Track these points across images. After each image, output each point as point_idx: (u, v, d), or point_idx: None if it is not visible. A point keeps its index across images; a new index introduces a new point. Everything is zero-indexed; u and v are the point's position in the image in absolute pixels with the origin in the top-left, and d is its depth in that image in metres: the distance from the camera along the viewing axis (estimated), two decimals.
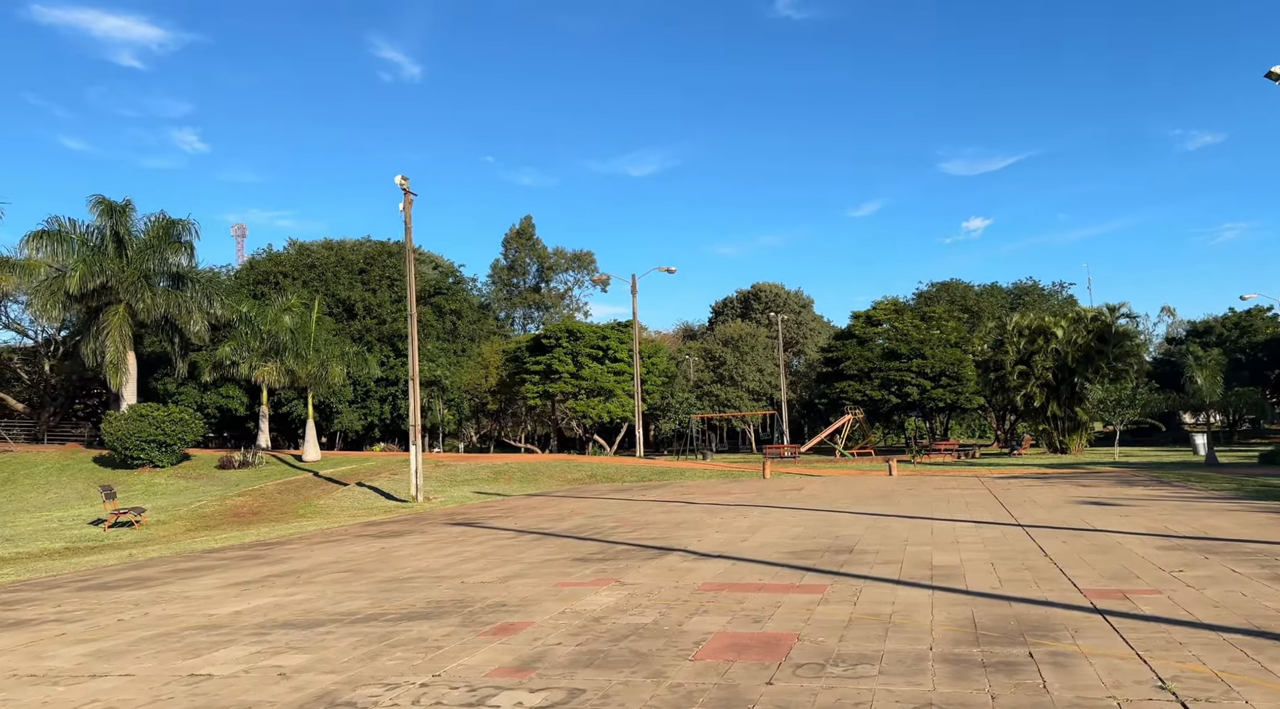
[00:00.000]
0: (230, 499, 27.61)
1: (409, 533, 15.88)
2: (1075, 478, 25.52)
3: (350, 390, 48.22)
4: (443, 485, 29.48)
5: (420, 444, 25.03)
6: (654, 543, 12.74)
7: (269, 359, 36.15)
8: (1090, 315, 50.25)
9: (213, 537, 17.81)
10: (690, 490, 24.97)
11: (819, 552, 11.31)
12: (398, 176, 24.76)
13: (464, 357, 54.90)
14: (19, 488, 33.03)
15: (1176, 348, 76.29)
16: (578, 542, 13.27)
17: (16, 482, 33.87)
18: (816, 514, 16.33)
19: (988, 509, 16.55)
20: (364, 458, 37.33)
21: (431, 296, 55.44)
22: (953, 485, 23.53)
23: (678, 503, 20.27)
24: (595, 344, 56.11)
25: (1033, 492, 20.39)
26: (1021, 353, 49.11)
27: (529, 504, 21.98)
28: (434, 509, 22.04)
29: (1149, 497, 18.21)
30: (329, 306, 52.31)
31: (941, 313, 64.41)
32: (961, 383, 58.85)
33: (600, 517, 17.54)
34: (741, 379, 70.96)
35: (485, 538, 14.33)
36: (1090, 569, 9.29)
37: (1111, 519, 14.09)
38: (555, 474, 32.86)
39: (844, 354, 62.72)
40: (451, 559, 11.82)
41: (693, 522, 15.73)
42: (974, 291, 77.91)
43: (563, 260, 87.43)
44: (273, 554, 13.54)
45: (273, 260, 55.06)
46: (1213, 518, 13.73)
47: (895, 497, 20.20)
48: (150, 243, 37.24)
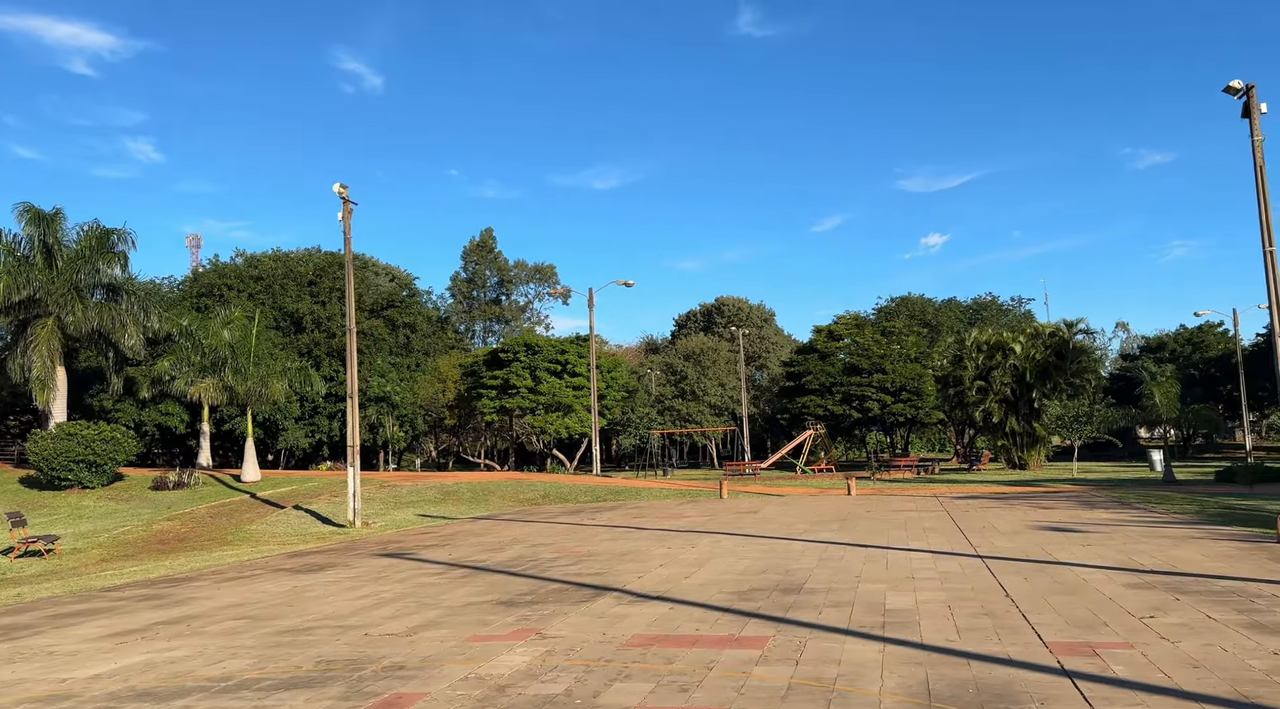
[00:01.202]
0: (158, 523, 26.15)
1: (331, 567, 14.78)
2: (1034, 498, 25.00)
3: (297, 407, 46.69)
4: (386, 507, 28.27)
5: (358, 466, 23.84)
6: (591, 580, 11.80)
7: (207, 375, 34.65)
8: (1048, 331, 50.22)
9: (122, 570, 16.53)
10: (643, 512, 24.05)
11: (766, 591, 10.45)
12: (336, 185, 23.69)
13: (418, 371, 53.51)
14: None
15: (1132, 363, 77.05)
16: (509, 579, 12.29)
17: None
18: (768, 543, 15.49)
19: (946, 536, 15.83)
20: (307, 478, 35.90)
21: (384, 309, 54.05)
22: (911, 507, 22.86)
23: (627, 529, 19.34)
24: (554, 358, 55.07)
25: (992, 515, 19.76)
26: (980, 368, 48.91)
27: (471, 530, 20.91)
28: (369, 536, 20.89)
29: (1111, 521, 17.63)
30: (276, 320, 50.74)
31: (901, 328, 64.32)
32: (921, 398, 58.66)
33: (542, 545, 16.56)
34: (703, 394, 70.27)
35: (410, 574, 13.29)
36: (1055, 615, 8.52)
37: (1074, 549, 13.41)
38: (507, 494, 31.76)
39: (806, 369, 62.34)
40: (365, 602, 10.78)
41: (638, 552, 14.82)
42: (933, 306, 78.09)
43: (523, 273, 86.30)
44: (175, 594, 12.39)
45: (217, 272, 53.33)
46: (1179, 548, 13.11)
47: (852, 520, 19.45)
48: (82, 253, 35.59)
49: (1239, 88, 19.26)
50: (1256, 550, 12.63)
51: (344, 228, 24.43)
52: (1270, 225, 18.91)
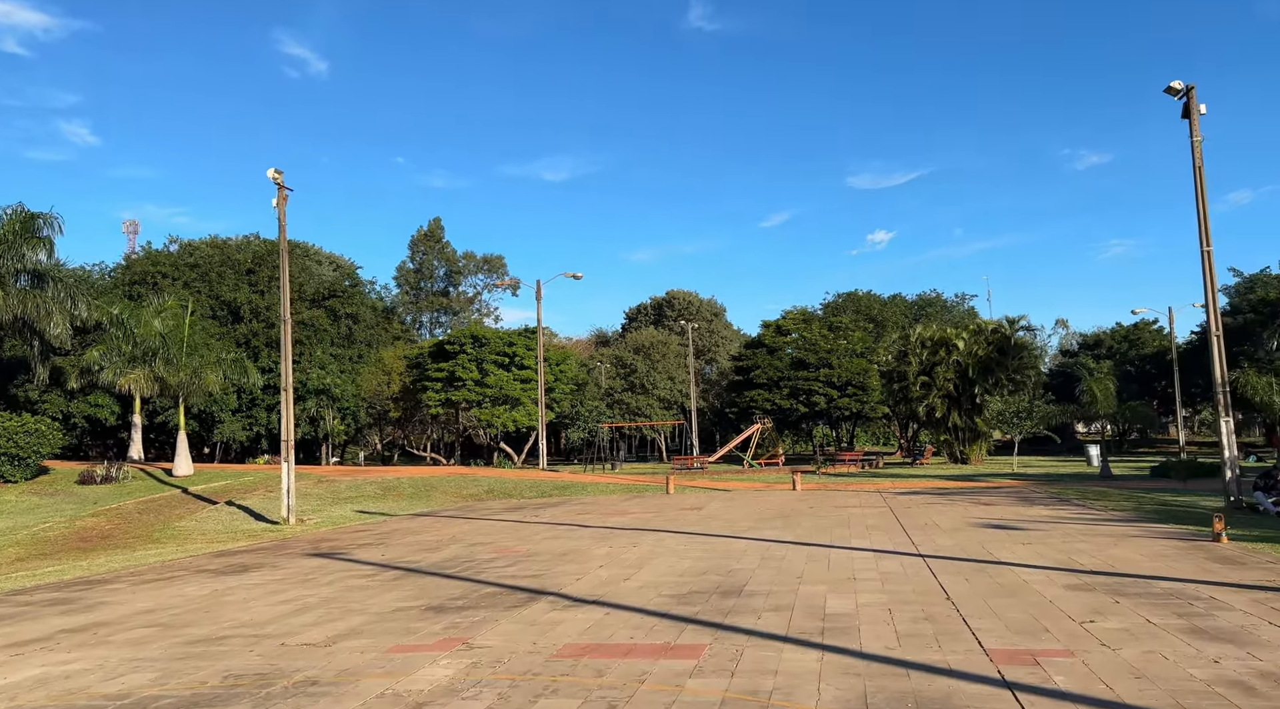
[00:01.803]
0: (82, 520, 25.08)
1: (258, 567, 14.18)
2: (976, 494, 25.21)
3: (234, 398, 45.38)
4: (323, 504, 27.50)
5: (293, 461, 23.10)
6: (527, 583, 11.42)
7: (138, 365, 33.35)
8: (990, 327, 50.93)
9: (35, 571, 15.70)
10: (588, 509, 23.71)
11: (706, 594, 10.18)
12: (270, 170, 22.85)
13: (360, 363, 52.38)
14: None
15: (1071, 360, 78.79)
16: (442, 581, 11.86)
17: None
18: (711, 542, 15.26)
19: (888, 533, 15.76)
20: (242, 472, 34.83)
21: (326, 299, 52.78)
22: (854, 503, 22.87)
23: (569, 526, 18.98)
24: (501, 350, 54.34)
25: (934, 511, 19.81)
26: (924, 364, 49.43)
27: (409, 527, 20.36)
28: (302, 534, 20.22)
29: (1050, 518, 17.76)
30: (213, 309, 49.25)
31: (848, 323, 64.82)
32: (867, 392, 59.17)
33: (480, 544, 16.13)
34: (652, 387, 70.10)
35: (339, 575, 12.78)
36: (996, 619, 8.39)
37: (1015, 548, 13.40)
38: (450, 489, 31.16)
39: (754, 363, 62.49)
40: (287, 608, 10.27)
41: (579, 552, 14.47)
42: (880, 302, 78.89)
43: (472, 264, 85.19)
44: (87, 597, 11.72)
45: (151, 259, 51.53)
46: (1117, 547, 13.17)
47: (796, 517, 19.34)
48: (4, 237, 33.95)
49: (1179, 88, 19.49)
50: (1193, 550, 12.73)
51: (279, 214, 23.60)
52: (1208, 225, 19.19)
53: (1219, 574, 10.54)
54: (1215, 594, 9.28)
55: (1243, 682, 6.06)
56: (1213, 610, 8.46)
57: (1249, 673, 6.27)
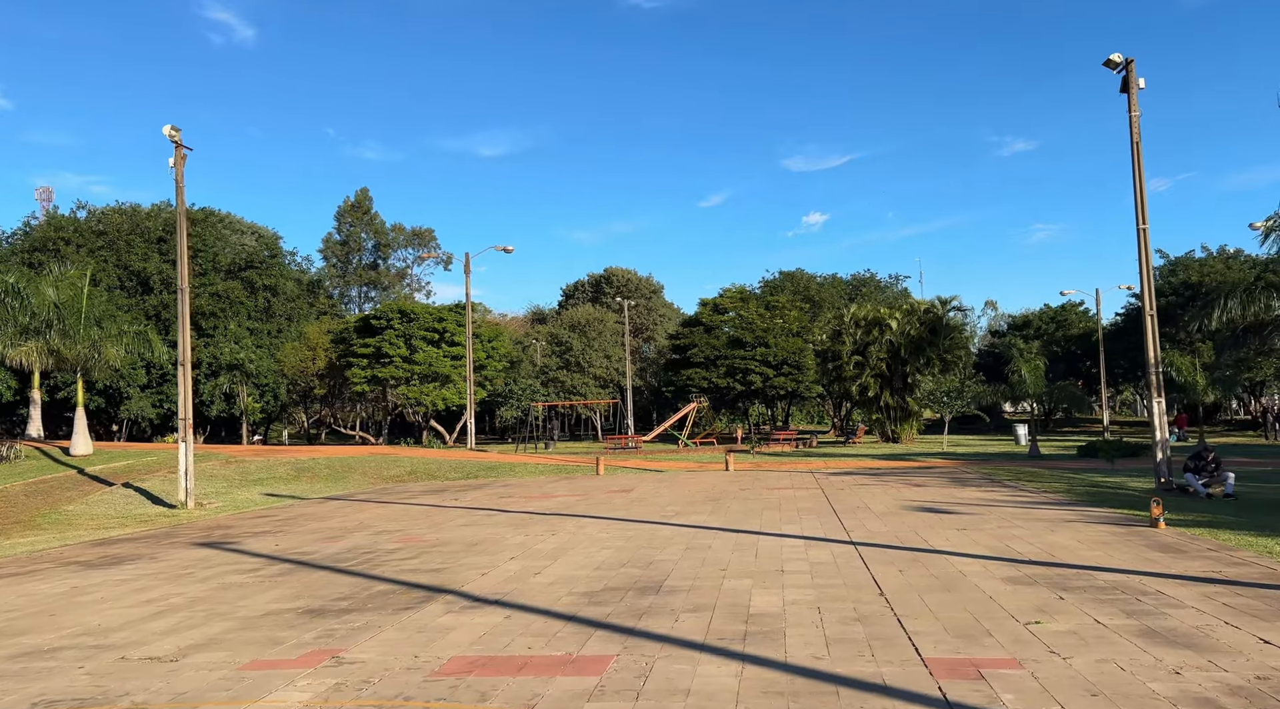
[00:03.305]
0: None
1: (135, 560, 12.83)
2: (908, 475, 24.85)
3: (143, 374, 43.02)
4: (229, 486, 25.94)
5: (190, 441, 21.54)
6: (426, 580, 10.36)
7: (30, 338, 31.10)
8: (923, 308, 51.05)
9: None
10: (511, 491, 22.66)
11: (621, 591, 9.26)
12: (166, 127, 21.08)
13: (280, 337, 50.19)
14: None
15: (1000, 340, 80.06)
16: (332, 577, 10.73)
17: None
18: (635, 529, 14.37)
19: (819, 518, 15.08)
20: (147, 451, 32.86)
21: (243, 270, 50.39)
22: (786, 484, 22.26)
23: (488, 512, 17.92)
24: (431, 326, 52.73)
25: (866, 494, 19.26)
26: (858, 343, 49.36)
27: (316, 513, 19.08)
28: (198, 520, 18.78)
29: (984, 501, 17.31)
30: (121, 280, 46.61)
31: (785, 302, 64.56)
32: (802, 371, 59.05)
33: (387, 532, 14.98)
34: (589, 365, 69.03)
35: (221, 570, 11.54)
36: (933, 620, 7.63)
37: (949, 534, 12.79)
38: (369, 471, 29.78)
39: (691, 341, 61.85)
40: (146, 610, 9.05)
41: (491, 541, 13.45)
42: (816, 282, 78.94)
43: (401, 236, 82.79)
44: None
45: (54, 225, 48.47)
46: (1055, 533, 12.64)
47: (726, 500, 18.59)
48: None
49: (1119, 61, 19.06)
50: (1132, 536, 12.26)
51: (175, 175, 21.84)
52: (1145, 202, 18.86)
53: (1162, 564, 10.00)
54: (1163, 588, 8.69)
55: (1211, 699, 5.35)
56: (1163, 608, 7.83)
57: (1216, 688, 5.57)
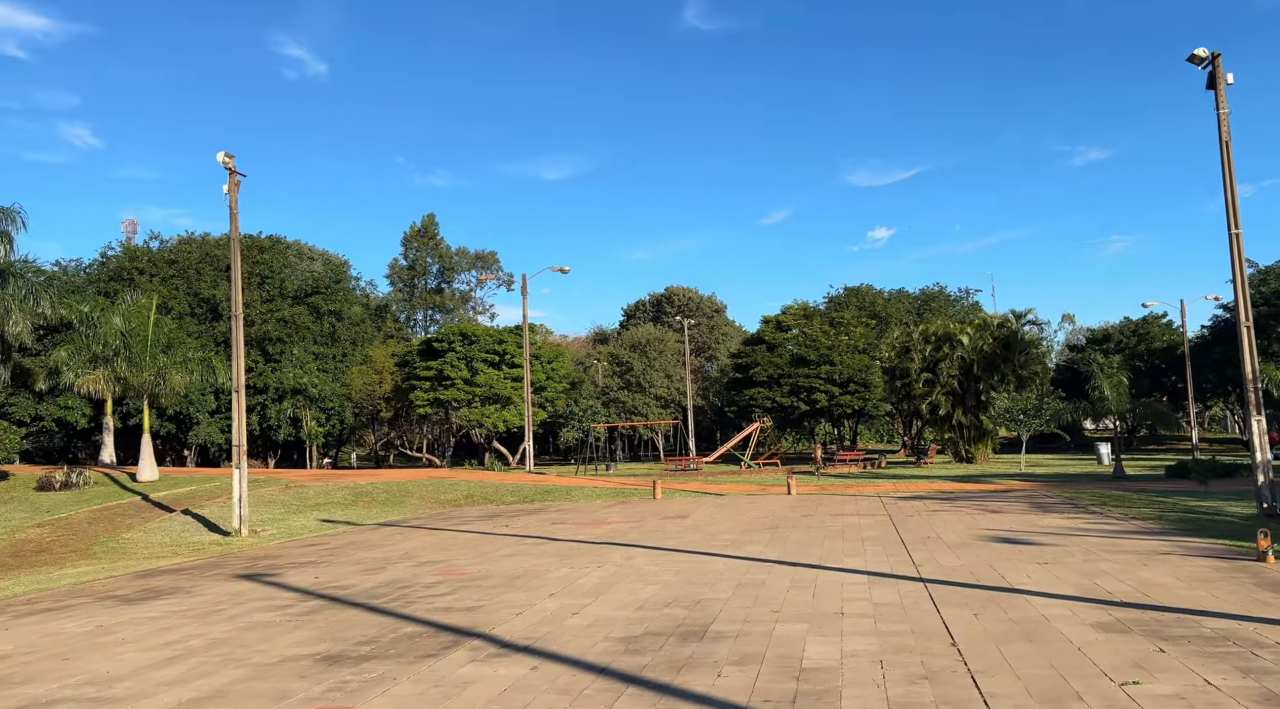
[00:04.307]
0: (24, 531, 23.48)
1: (171, 594, 12.51)
2: (983, 499, 23.47)
3: (211, 399, 43.77)
4: (287, 512, 25.88)
5: (244, 468, 21.45)
6: (457, 620, 9.73)
7: (99, 365, 31.75)
8: (996, 322, 49.08)
9: None
10: (564, 517, 22.03)
11: (662, 637, 8.49)
12: (220, 154, 21.19)
13: (345, 362, 50.72)
14: None
15: (1078, 355, 76.94)
16: (362, 616, 10.17)
17: None
18: (686, 561, 13.56)
19: (886, 550, 14.06)
20: (211, 477, 33.21)
21: (309, 296, 51.14)
22: (851, 510, 21.16)
23: (537, 539, 17.30)
24: (491, 348, 52.78)
25: (937, 521, 18.09)
26: (927, 360, 47.66)
27: (366, 541, 18.71)
28: (249, 548, 18.58)
29: (1067, 529, 16.03)
30: (191, 306, 47.67)
31: (850, 319, 63.07)
32: (869, 389, 57.47)
33: (430, 563, 14.45)
34: (649, 385, 68.42)
35: (252, 607, 11.10)
36: (1013, 677, 6.68)
37: (1030, 569, 11.69)
38: (426, 495, 29.51)
39: (754, 360, 60.80)
40: (161, 654, 8.60)
41: (534, 574, 12.79)
42: (883, 297, 77.03)
43: (465, 260, 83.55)
44: None
45: (128, 256, 49.95)
46: (1148, 568, 11.44)
47: (786, 528, 17.64)
48: None
49: (1204, 56, 17.73)
50: (1236, 571, 11.01)
51: (230, 202, 21.92)
52: (1236, 205, 17.43)
53: (1278, 607, 8.82)
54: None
55: None
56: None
57: None
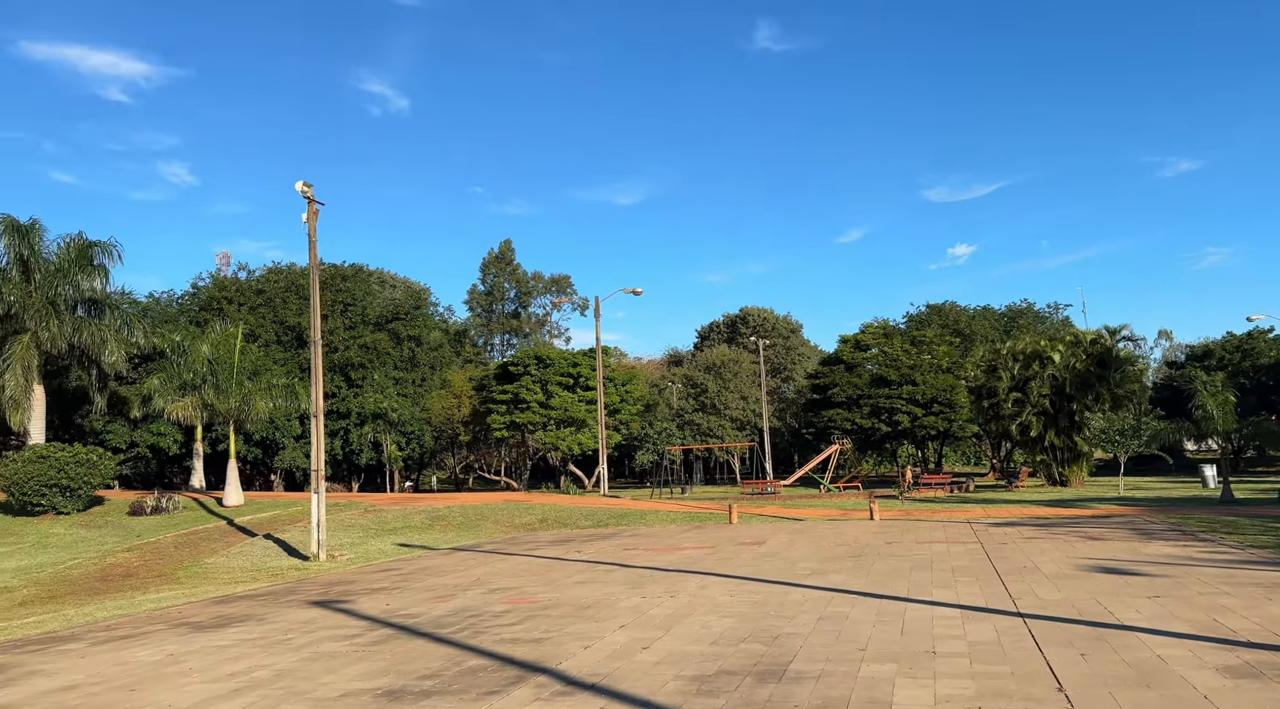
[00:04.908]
0: (113, 556, 24.13)
1: (243, 621, 12.48)
2: (1082, 526, 22.17)
3: (296, 424, 44.80)
4: (365, 536, 26.06)
5: (323, 492, 21.62)
6: (523, 653, 9.37)
7: (187, 392, 32.74)
8: (1089, 339, 46.95)
9: (13, 622, 14.37)
10: (638, 542, 21.58)
11: (738, 675, 7.96)
12: (299, 183, 21.61)
13: (423, 387, 51.45)
14: None
15: (1177, 372, 73.25)
16: (427, 647, 9.90)
17: None
18: (763, 591, 12.96)
19: (979, 581, 13.21)
20: (294, 501, 33.82)
21: (389, 322, 52.14)
22: (940, 537, 20.18)
23: (609, 566, 16.89)
24: (566, 371, 52.86)
25: (1033, 549, 17.05)
26: (1016, 379, 45.84)
27: (439, 566, 18.58)
28: (325, 572, 18.63)
29: (1177, 558, 14.88)
30: (278, 334, 49.05)
31: (933, 337, 61.32)
32: (954, 410, 55.66)
33: (501, 590, 14.17)
34: (724, 407, 67.63)
35: (320, 635, 10.95)
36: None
37: (1139, 603, 10.77)
38: (501, 519, 29.44)
39: (832, 381, 59.56)
40: (225, 686, 8.44)
41: (604, 603, 12.37)
42: (967, 314, 74.75)
43: (540, 284, 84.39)
44: (25, 664, 10.14)
45: (218, 286, 51.78)
46: (1275, 603, 10.41)
47: (869, 556, 16.85)
48: (61, 267, 33.93)
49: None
50: None
51: (309, 230, 22.33)
52: None
53: None
54: None
55: None
56: None
57: None
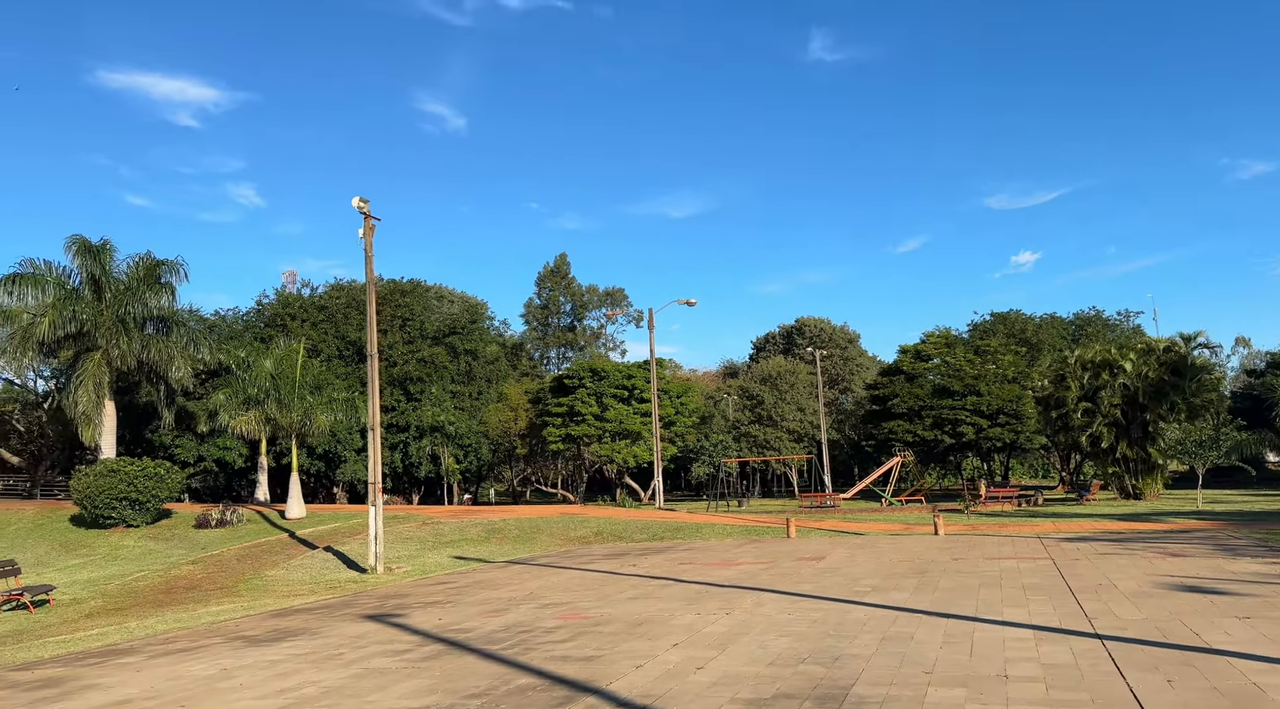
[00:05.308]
0: (178, 568, 24.58)
1: (298, 635, 12.47)
2: (1160, 541, 21.16)
3: (357, 438, 45.40)
4: (422, 548, 26.15)
5: (380, 505, 21.71)
6: (573, 672, 9.11)
7: (251, 407, 33.38)
8: (1162, 346, 45.21)
9: (76, 634, 14.62)
10: (694, 556, 21.21)
11: (796, 699, 7.59)
12: (355, 199, 21.85)
13: (480, 400, 51.80)
14: None
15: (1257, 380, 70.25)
16: (477, 664, 9.71)
17: None
18: (822, 609, 12.52)
19: (1051, 599, 12.59)
20: (354, 513, 34.20)
21: (446, 336, 52.67)
22: (1008, 552, 19.43)
23: (663, 581, 16.57)
24: (620, 383, 52.75)
25: (1109, 565, 16.26)
26: (1085, 388, 44.33)
27: (494, 579, 18.46)
28: (381, 585, 18.65)
29: (1266, 576, 14.01)
30: (339, 349, 49.88)
31: (997, 346, 59.78)
32: (1021, 421, 54.13)
33: (553, 605, 13.95)
34: (781, 419, 66.83)
35: (372, 651, 10.85)
36: None
37: (1228, 624, 10.09)
38: (556, 532, 29.31)
39: (892, 391, 58.43)
40: (275, 703, 8.35)
41: (658, 620, 12.07)
42: (1033, 323, 72.70)
43: (595, 298, 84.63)
44: (84, 677, 10.22)
45: (282, 302, 52.92)
46: None
47: (934, 573, 16.25)
48: (131, 286, 34.96)
49: None
50: None
51: (365, 246, 22.55)
52: None
53: None
54: None
55: None
56: None
57: None
